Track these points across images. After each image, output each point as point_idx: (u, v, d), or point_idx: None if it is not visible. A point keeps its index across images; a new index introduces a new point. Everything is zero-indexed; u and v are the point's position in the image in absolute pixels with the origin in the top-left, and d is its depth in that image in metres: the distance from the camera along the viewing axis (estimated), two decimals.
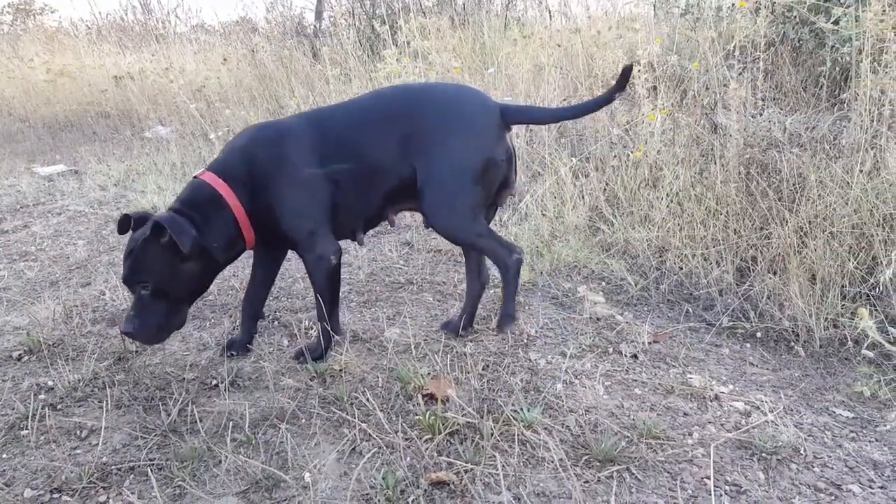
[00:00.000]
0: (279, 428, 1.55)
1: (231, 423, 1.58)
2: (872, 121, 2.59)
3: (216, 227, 1.70)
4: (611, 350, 1.98)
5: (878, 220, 2.25)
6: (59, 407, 1.67)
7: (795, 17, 3.71)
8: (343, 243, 1.87)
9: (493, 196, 1.83)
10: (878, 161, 2.45)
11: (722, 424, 1.59)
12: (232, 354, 1.93)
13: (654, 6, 4.45)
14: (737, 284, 2.34)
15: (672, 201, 2.75)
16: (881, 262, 2.13)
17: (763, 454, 1.45)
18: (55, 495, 1.35)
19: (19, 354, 1.97)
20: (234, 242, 1.76)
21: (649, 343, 2.02)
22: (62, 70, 7.40)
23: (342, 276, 2.54)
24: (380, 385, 1.74)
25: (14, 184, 4.15)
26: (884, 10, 2.53)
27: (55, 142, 5.47)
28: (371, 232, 3.01)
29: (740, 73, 3.11)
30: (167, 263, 1.64)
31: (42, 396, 1.72)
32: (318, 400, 1.67)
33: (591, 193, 2.94)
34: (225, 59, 5.18)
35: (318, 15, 6.14)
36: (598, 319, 2.18)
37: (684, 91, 3.39)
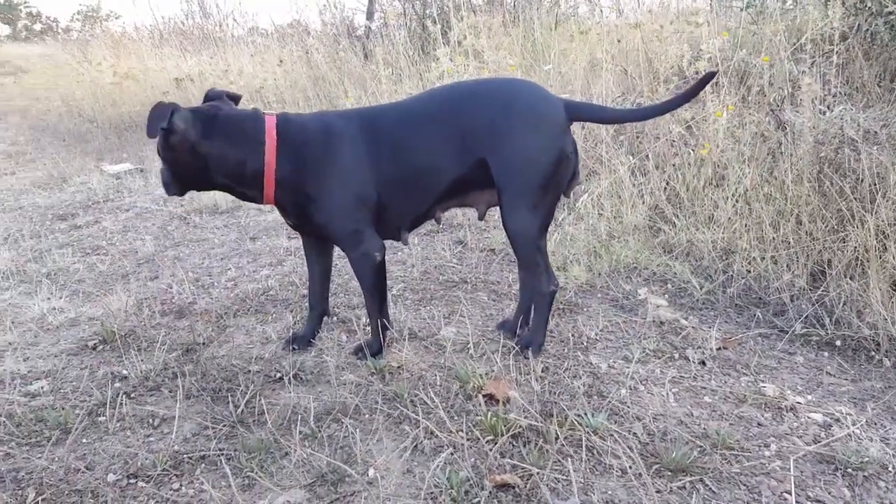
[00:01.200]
0: (342, 422, 1.56)
1: (296, 416, 1.60)
2: None
3: (233, 150, 1.68)
4: (676, 356, 1.92)
5: None
6: (132, 395, 1.73)
7: (869, 7, 3.51)
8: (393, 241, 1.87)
9: (563, 189, 1.80)
10: None
11: (800, 437, 1.51)
12: (294, 348, 1.96)
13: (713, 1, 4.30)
14: (810, 289, 2.23)
15: (738, 201, 2.64)
16: None
17: (848, 469, 1.37)
18: (132, 480, 1.40)
19: (94, 344, 2.05)
20: (245, 179, 1.71)
21: (717, 349, 1.95)
22: (127, 73, 7.72)
23: (397, 273, 2.57)
24: (438, 383, 1.74)
25: (85, 181, 4.35)
26: None
27: (121, 141, 5.71)
28: (423, 230, 3.02)
29: (810, 68, 2.97)
30: (163, 141, 1.68)
31: (117, 385, 1.79)
32: (379, 396, 1.68)
33: (652, 192, 2.86)
34: (281, 61, 5.29)
35: (370, 16, 6.20)
36: (662, 323, 2.12)
37: (748, 87, 3.26)
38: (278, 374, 1.81)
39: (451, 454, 1.44)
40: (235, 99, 1.84)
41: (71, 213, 3.66)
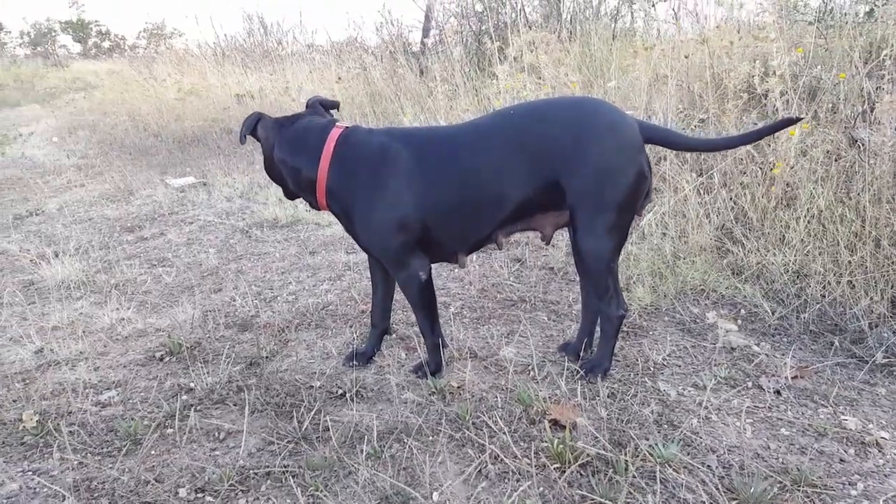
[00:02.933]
0: (405, 443, 1.54)
1: (359, 434, 1.60)
2: None
3: (296, 158, 1.79)
4: (749, 384, 1.83)
5: None
6: (198, 408, 1.77)
7: None
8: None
9: (637, 209, 1.76)
10: None
11: (887, 475, 1.41)
12: (354, 365, 1.96)
13: (784, 14, 4.16)
14: (891, 316, 2.10)
15: (811, 222, 2.52)
16: None
17: None
18: (199, 495, 1.42)
19: (161, 355, 2.11)
20: (304, 185, 1.80)
21: (792, 378, 1.85)
22: (190, 89, 8.06)
23: (454, 291, 2.56)
24: (500, 406, 1.71)
25: (151, 194, 4.53)
26: None
27: (184, 155, 5.94)
28: (499, 250, 2.99)
29: (889, 84, 2.82)
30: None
31: (184, 397, 1.82)
32: (441, 417, 1.66)
33: (718, 212, 2.76)
34: (339, 78, 5.41)
35: (426, 33, 6.27)
36: (733, 349, 2.03)
37: (819, 104, 3.12)
38: (340, 391, 1.81)
39: (518, 482, 1.40)
40: (332, 106, 1.95)
41: (137, 226, 3.81)
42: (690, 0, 4.97)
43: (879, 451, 1.51)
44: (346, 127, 1.81)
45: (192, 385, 1.88)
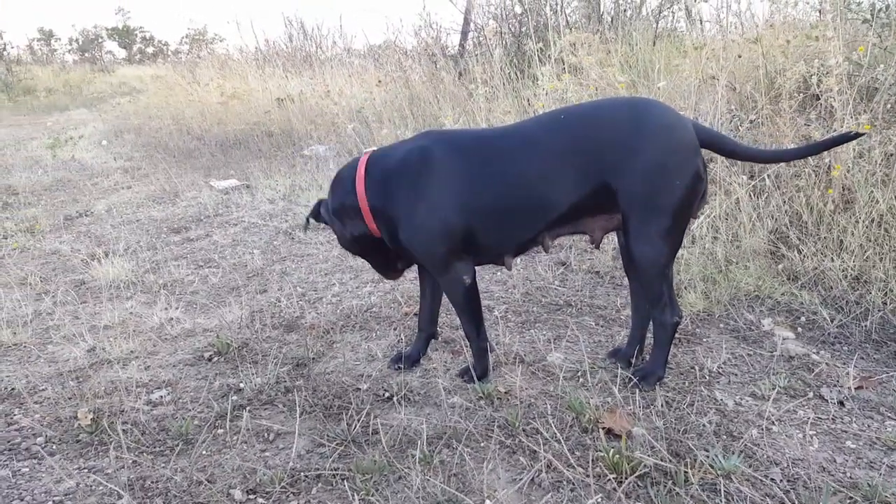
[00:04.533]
0: (455, 448, 1.52)
1: (408, 438, 1.58)
2: None
3: (343, 206, 1.82)
4: (810, 394, 1.75)
5: None
6: (248, 408, 1.78)
7: None
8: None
9: (693, 213, 1.71)
10: None
11: None
12: (399, 368, 1.95)
13: (839, 13, 4.01)
14: None
15: (871, 226, 2.41)
16: None
17: None
18: (250, 496, 1.42)
19: (210, 355, 2.13)
20: (361, 225, 1.80)
21: (856, 388, 1.76)
22: (233, 93, 8.21)
23: (498, 294, 2.53)
24: (550, 412, 1.67)
25: (196, 196, 4.62)
26: None
27: (227, 158, 6.05)
28: (546, 254, 2.96)
29: None
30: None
31: (233, 398, 1.84)
32: (490, 422, 1.63)
33: (772, 215, 2.67)
34: (379, 81, 5.44)
35: (465, 35, 6.26)
36: (791, 358, 1.95)
37: (877, 103, 2.99)
38: (387, 394, 1.80)
39: (572, 491, 1.37)
40: None
41: (184, 227, 3.89)
42: None
43: None
44: (374, 149, 1.85)
45: (241, 385, 1.90)
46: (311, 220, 1.93)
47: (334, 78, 6.88)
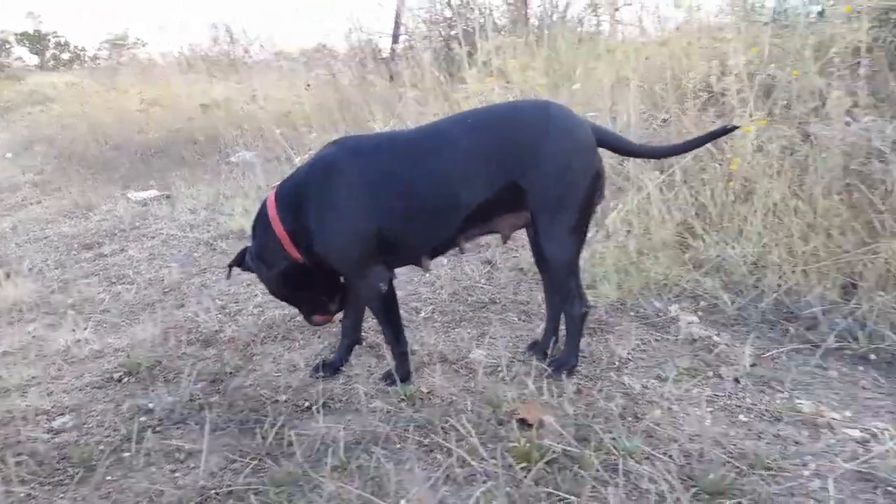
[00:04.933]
0: (373, 452, 1.54)
1: (325, 446, 1.59)
2: None
3: (264, 244, 1.82)
4: (710, 374, 1.87)
5: None
6: (158, 429, 1.73)
7: (894, 20, 3.45)
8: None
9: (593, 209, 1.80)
10: None
11: (837, 454, 1.47)
12: (322, 376, 1.95)
13: (742, 15, 4.27)
14: (842, 302, 2.17)
15: (767, 215, 2.59)
16: None
17: (888, 487, 1.33)
18: None
19: (119, 376, 2.06)
20: (282, 256, 1.80)
21: (751, 366, 1.90)
22: (154, 100, 7.91)
23: (426, 296, 2.56)
24: (469, 409, 1.71)
25: (111, 209, 4.43)
26: None
27: (148, 168, 5.83)
28: (461, 254, 3.00)
29: (837, 80, 2.91)
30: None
31: (142, 418, 1.78)
32: (409, 423, 1.66)
33: (680, 208, 2.82)
34: (308, 85, 5.37)
35: (395, 38, 6.27)
36: (694, 341, 2.07)
37: (775, 101, 3.21)
38: (307, 403, 1.80)
39: (485, 483, 1.41)
40: None
41: (97, 242, 3.72)
42: (652, 3, 5.07)
43: (831, 432, 1.57)
44: (279, 183, 1.87)
45: (150, 405, 1.84)
46: (234, 268, 1.92)
47: (262, 82, 6.74)
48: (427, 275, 2.75)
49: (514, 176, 1.70)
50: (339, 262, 1.76)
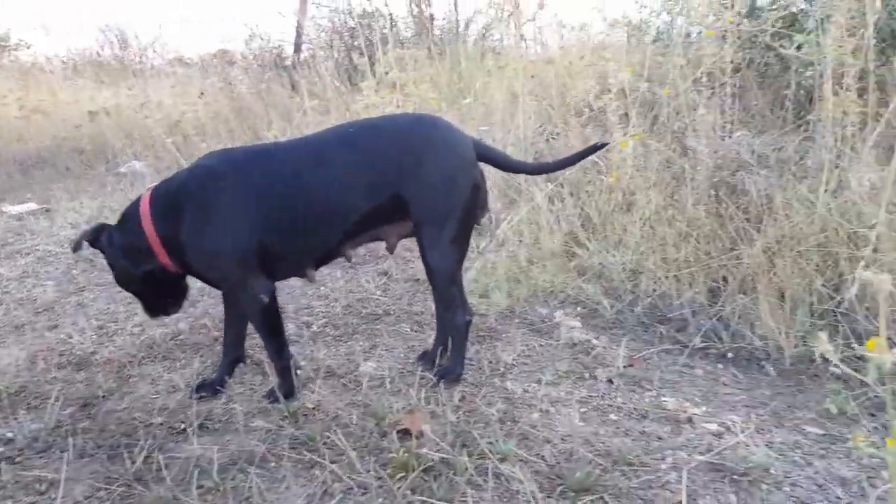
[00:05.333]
0: (248, 472, 1.51)
1: (198, 469, 1.54)
2: (836, 141, 2.65)
3: (132, 244, 1.74)
4: (587, 375, 1.98)
5: (843, 239, 2.29)
6: (17, 460, 1.61)
7: (761, 42, 3.81)
8: (320, 273, 1.85)
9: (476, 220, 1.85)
10: (842, 180, 2.51)
11: (695, 447, 1.59)
12: (201, 396, 1.89)
13: (628, 34, 4.56)
14: (709, 305, 2.36)
15: (645, 225, 2.78)
16: (847, 280, 2.17)
17: (734, 476, 1.45)
18: None
19: None
20: (150, 259, 1.74)
21: (625, 367, 2.02)
22: (36, 106, 7.33)
23: (318, 309, 2.53)
24: (354, 422, 1.72)
25: None
26: (842, 37, 2.61)
27: (26, 179, 5.40)
28: (349, 263, 2.99)
29: (709, 98, 3.18)
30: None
31: (0, 449, 1.65)
32: (290, 441, 1.64)
33: (567, 218, 2.96)
34: (202, 93, 5.19)
35: (297, 47, 6.18)
36: (575, 344, 2.18)
37: (655, 116, 3.45)
38: (182, 426, 1.73)
39: (363, 495, 1.42)
40: None
41: None
42: (555, 21, 5.28)
43: (691, 426, 1.69)
44: (155, 184, 1.80)
45: (10, 435, 1.71)
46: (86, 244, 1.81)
47: (156, 90, 6.43)
48: (321, 288, 2.73)
49: (397, 188, 1.73)
50: (217, 273, 1.72)
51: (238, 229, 1.66)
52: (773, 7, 3.77)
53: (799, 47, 3.00)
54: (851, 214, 2.36)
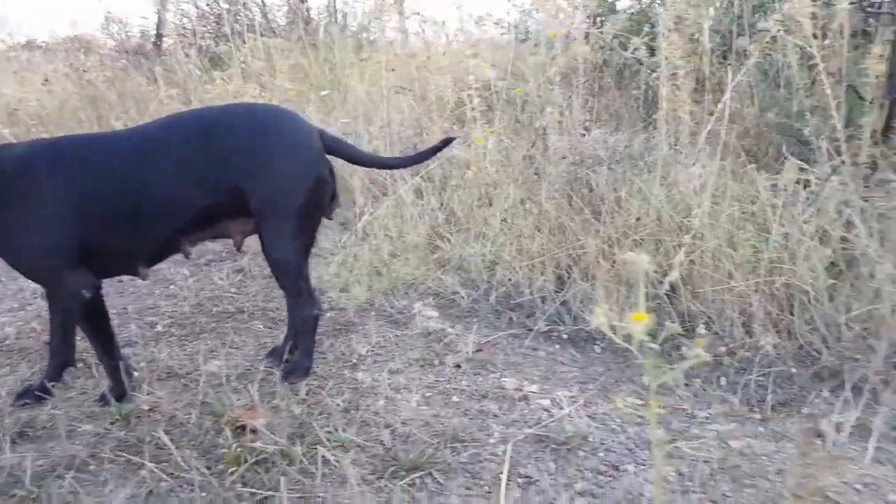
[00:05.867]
0: (66, 478, 1.42)
1: (12, 478, 1.43)
2: (671, 139, 2.92)
3: None
4: (436, 362, 2.05)
5: (673, 228, 2.54)
6: None
7: (610, 44, 4.10)
8: (170, 272, 1.77)
9: (324, 213, 1.84)
10: (676, 176, 2.77)
11: (525, 422, 1.70)
12: (24, 403, 1.75)
13: (509, 32, 4.72)
14: (556, 292, 2.52)
15: (504, 218, 2.91)
16: (673, 265, 2.41)
17: (555, 445, 1.57)
18: None
19: None
20: None
21: (474, 352, 2.11)
22: None
23: (164, 310, 2.42)
24: (191, 422, 1.67)
25: None
26: (683, 42, 2.87)
27: None
28: (201, 260, 2.89)
29: (569, 97, 3.39)
30: None
31: None
32: (118, 443, 1.57)
33: (431, 213, 3.04)
34: (46, 80, 4.74)
35: (159, 36, 5.83)
36: (429, 333, 2.25)
37: (519, 113, 3.62)
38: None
39: (191, 492, 1.39)
40: None
41: None
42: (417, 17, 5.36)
43: (526, 403, 1.81)
44: None
45: None
46: None
47: None
48: (170, 287, 2.62)
49: (235, 181, 1.69)
50: (31, 273, 1.60)
51: (52, 224, 1.56)
52: (629, 9, 4.08)
53: (635, 50, 3.27)
54: (680, 207, 2.62)
